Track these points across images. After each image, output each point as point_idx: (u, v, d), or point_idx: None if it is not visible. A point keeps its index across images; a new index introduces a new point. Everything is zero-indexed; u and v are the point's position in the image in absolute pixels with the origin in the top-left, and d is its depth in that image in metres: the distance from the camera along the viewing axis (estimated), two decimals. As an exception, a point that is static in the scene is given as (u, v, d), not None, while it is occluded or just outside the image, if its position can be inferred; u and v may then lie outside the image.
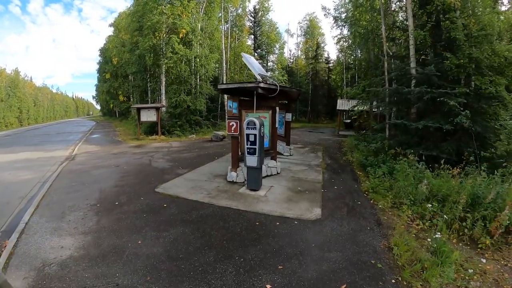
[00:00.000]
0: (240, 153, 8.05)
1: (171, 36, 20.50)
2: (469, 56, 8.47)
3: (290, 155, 12.04)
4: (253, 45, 34.51)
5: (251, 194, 6.84)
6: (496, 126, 8.32)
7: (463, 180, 6.30)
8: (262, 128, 6.94)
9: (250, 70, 8.29)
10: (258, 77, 7.01)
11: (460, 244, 4.76)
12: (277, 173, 8.84)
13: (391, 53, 12.20)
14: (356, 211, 6.16)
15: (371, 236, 4.97)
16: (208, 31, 23.71)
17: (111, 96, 45.01)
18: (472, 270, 3.86)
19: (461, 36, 8.60)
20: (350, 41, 19.21)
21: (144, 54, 20.74)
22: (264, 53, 34.66)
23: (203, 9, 23.84)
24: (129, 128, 27.64)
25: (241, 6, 30.66)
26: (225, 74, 26.47)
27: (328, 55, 42.93)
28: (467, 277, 3.78)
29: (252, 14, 35.47)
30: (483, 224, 4.88)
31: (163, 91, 22.39)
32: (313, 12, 64.49)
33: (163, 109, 21.49)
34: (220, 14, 26.27)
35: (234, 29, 30.22)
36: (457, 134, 8.88)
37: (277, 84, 7.69)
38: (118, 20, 38.12)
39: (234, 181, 7.79)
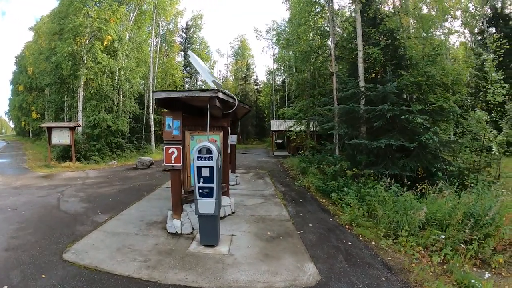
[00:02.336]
0: (184, 193, 5.75)
1: (94, 42, 16.96)
2: (425, 74, 8.24)
3: (237, 183, 10.11)
4: (183, 62, 32.20)
5: (209, 254, 4.64)
6: (451, 141, 8.03)
7: (448, 199, 5.76)
8: (220, 158, 4.92)
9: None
10: (212, 85, 5.05)
11: (474, 268, 4.41)
12: (232, 212, 6.82)
13: (334, 72, 11.71)
14: (355, 258, 4.78)
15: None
16: (136, 42, 20.68)
17: (24, 112, 36.83)
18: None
19: (417, 55, 8.46)
20: (288, 62, 18.77)
21: (61, 61, 16.58)
22: (193, 71, 32.63)
23: (133, 18, 21.03)
24: (40, 152, 22.03)
25: (173, 21, 28.37)
26: (151, 91, 23.42)
27: (257, 76, 43.47)
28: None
29: (184, 30, 33.77)
30: (485, 243, 4.63)
31: (80, 107, 18.25)
32: (245, 34, 65.60)
33: (79, 129, 17.51)
34: (149, 28, 23.49)
35: (164, 44, 27.48)
36: (415, 151, 8.44)
37: (235, 97, 5.84)
38: (40, 24, 31.06)
39: (179, 232, 5.41)
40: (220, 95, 4.86)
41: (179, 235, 5.35)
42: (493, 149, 6.78)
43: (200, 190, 4.65)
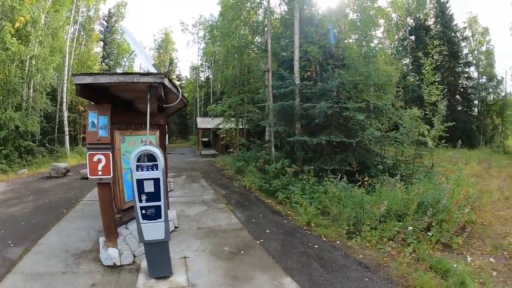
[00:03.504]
0: (116, 212, 4.38)
1: (4, 24, 12.71)
2: (362, 74, 8.53)
3: (171, 190, 8.77)
4: (101, 54, 27.73)
5: (163, 290, 3.52)
6: (387, 136, 8.55)
7: (399, 191, 5.90)
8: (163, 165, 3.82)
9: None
10: (153, 70, 3.95)
11: (439, 252, 4.58)
12: (175, 227, 5.66)
13: (265, 69, 11.41)
14: (329, 262, 4.43)
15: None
16: (52, 27, 16.53)
17: None
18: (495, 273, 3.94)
19: (354, 56, 8.68)
20: (217, 57, 17.63)
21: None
22: (113, 63, 28.32)
23: (51, -1, 16.52)
24: None
25: (95, 7, 23.84)
26: (65, 85, 19.25)
27: (180, 72, 40.73)
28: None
29: (106, 18, 28.93)
30: (442, 228, 4.93)
31: (-19, 105, 13.52)
32: (170, 26, 60.35)
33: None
34: (67, 14, 19.14)
35: (82, 33, 22.87)
36: (351, 146, 8.74)
37: (179, 88, 4.74)
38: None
39: (118, 264, 4.03)
40: (166, 81, 3.74)
41: (119, 268, 3.95)
42: (428, 142, 7.40)
43: (143, 211, 3.43)
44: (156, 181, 3.44)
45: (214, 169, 14.02)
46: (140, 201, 3.41)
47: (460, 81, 23.03)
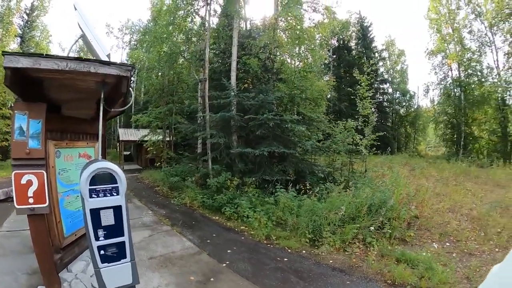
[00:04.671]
0: (55, 251, 3.23)
1: None
2: (299, 88, 8.94)
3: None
4: (17, 51, 21.89)
5: None
6: (319, 145, 9.08)
7: (346, 196, 6.29)
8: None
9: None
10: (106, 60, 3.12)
11: (396, 246, 5.00)
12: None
13: (201, 79, 10.94)
14: (305, 273, 4.31)
15: None
16: None
17: None
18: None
19: (291, 70, 9.06)
20: (145, 63, 15.78)
21: None
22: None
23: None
24: None
25: None
26: None
27: None
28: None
29: (27, 11, 23.08)
30: (390, 224, 5.41)
31: None
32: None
33: None
34: None
35: None
36: (289, 156, 9.00)
37: (132, 88, 3.95)
38: None
39: None
40: (129, 75, 2.97)
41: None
42: (362, 150, 8.14)
43: (102, 251, 2.47)
44: (117, 209, 2.54)
45: (144, 185, 12.44)
46: (97, 238, 2.45)
47: (377, 96, 26.31)
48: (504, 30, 19.42)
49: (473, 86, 21.46)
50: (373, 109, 9.29)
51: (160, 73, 13.64)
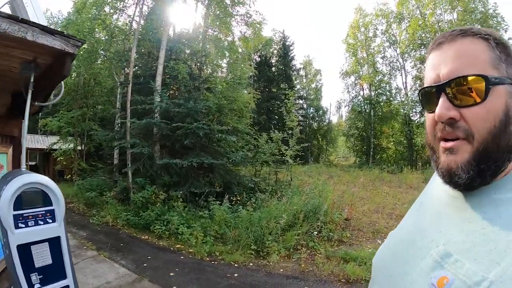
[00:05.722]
0: None
1: None
2: (228, 98, 9.01)
3: None
4: None
5: None
6: (249, 156, 9.28)
7: (282, 205, 6.60)
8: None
9: None
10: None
11: (336, 247, 5.38)
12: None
13: (124, 82, 9.92)
14: (262, 285, 4.28)
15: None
16: None
17: None
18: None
19: (221, 80, 9.10)
20: None
21: None
22: None
23: None
24: None
25: None
26: None
27: None
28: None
29: None
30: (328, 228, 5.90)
31: None
32: None
33: None
34: None
35: None
36: (216, 168, 8.90)
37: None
38: None
39: None
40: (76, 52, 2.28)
41: None
42: (289, 160, 8.57)
43: None
44: (55, 242, 1.95)
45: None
46: (31, 286, 1.87)
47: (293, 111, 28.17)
48: (415, 57, 22.71)
49: (382, 104, 24.76)
50: (297, 121, 9.97)
51: (75, 73, 11.64)
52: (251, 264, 5.04)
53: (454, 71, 0.51)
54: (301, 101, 30.58)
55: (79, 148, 12.87)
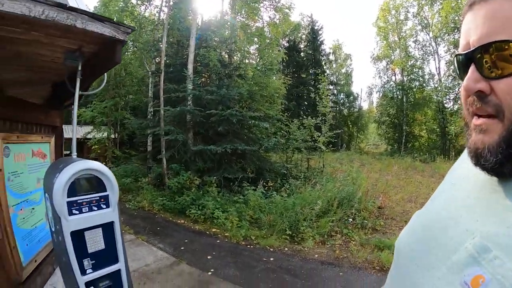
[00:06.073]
0: None
1: None
2: (260, 85, 8.79)
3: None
4: None
5: None
6: (282, 142, 9.08)
7: (316, 191, 6.41)
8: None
9: None
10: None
11: (370, 235, 5.23)
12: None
13: (155, 71, 10.02)
14: (297, 271, 4.17)
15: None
16: None
17: None
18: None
19: (252, 66, 8.82)
20: None
21: None
22: None
23: None
24: None
25: None
26: None
27: None
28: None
29: None
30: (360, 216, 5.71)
31: None
32: None
33: None
34: None
35: None
36: (249, 154, 8.83)
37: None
38: None
39: None
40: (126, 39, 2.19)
41: None
42: (322, 147, 8.31)
43: None
44: (108, 228, 1.90)
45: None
46: (84, 272, 1.74)
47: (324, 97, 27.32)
48: (449, 42, 21.07)
49: (414, 90, 23.29)
50: (330, 107, 9.59)
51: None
52: (286, 249, 4.96)
53: (484, 36, 0.42)
54: (331, 87, 29.37)
55: (112, 136, 13.35)
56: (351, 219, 5.56)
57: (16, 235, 2.48)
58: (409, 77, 24.01)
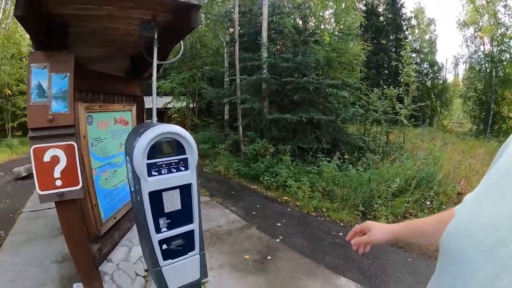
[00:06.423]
0: (93, 241, 2.47)
1: None
2: (337, 51, 7.75)
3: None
4: None
5: None
6: (362, 113, 8.09)
7: (395, 168, 5.61)
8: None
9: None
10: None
11: None
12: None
13: (230, 41, 9.77)
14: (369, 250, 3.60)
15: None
16: None
17: None
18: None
19: (328, 32, 7.84)
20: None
21: None
22: None
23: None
24: None
25: None
26: None
27: None
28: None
29: None
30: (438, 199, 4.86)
31: None
32: None
33: None
34: None
35: (8, 2, 15.33)
36: (324, 124, 8.07)
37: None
38: None
39: None
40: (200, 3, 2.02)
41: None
42: (402, 120, 7.14)
43: (165, 246, 1.70)
44: (185, 189, 1.74)
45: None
46: (158, 230, 1.66)
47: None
48: None
49: (505, 63, 18.59)
50: (414, 77, 8.00)
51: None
52: (357, 225, 4.34)
53: None
54: (414, 55, 25.09)
55: (191, 105, 14.04)
56: (428, 202, 4.77)
57: (98, 194, 2.58)
58: (499, 48, 18.70)
